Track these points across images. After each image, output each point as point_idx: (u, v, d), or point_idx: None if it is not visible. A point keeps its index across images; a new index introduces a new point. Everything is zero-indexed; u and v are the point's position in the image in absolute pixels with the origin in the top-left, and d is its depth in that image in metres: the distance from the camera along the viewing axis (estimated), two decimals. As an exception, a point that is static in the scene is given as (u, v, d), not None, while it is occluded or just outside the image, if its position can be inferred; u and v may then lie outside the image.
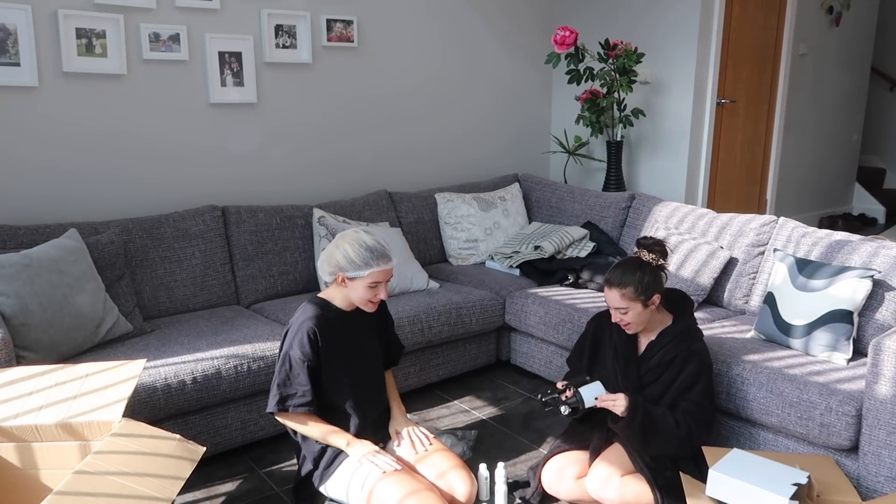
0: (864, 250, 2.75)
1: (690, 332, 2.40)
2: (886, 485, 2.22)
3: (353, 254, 2.14)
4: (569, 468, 2.38)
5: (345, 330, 2.25)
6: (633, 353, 2.43)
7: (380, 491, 2.07)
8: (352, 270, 2.15)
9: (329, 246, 2.21)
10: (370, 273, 2.15)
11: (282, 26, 3.59)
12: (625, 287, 2.29)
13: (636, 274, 2.30)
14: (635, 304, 2.30)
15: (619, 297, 2.30)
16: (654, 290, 2.32)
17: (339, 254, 2.16)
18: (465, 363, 3.41)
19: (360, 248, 2.15)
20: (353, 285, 2.18)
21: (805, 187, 5.91)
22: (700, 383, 2.31)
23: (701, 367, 2.33)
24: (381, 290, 2.20)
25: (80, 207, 3.15)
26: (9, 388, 1.99)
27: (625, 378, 2.39)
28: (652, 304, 2.33)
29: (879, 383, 2.21)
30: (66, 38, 2.99)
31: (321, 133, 3.85)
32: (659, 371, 2.35)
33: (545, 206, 4.12)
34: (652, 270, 2.32)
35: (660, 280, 2.35)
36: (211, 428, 2.65)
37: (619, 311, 2.33)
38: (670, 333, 2.38)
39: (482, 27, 4.43)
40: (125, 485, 1.57)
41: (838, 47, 5.85)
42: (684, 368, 2.32)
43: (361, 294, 2.19)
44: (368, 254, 2.15)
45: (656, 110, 4.51)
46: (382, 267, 2.17)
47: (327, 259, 2.19)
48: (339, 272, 2.17)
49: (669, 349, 2.35)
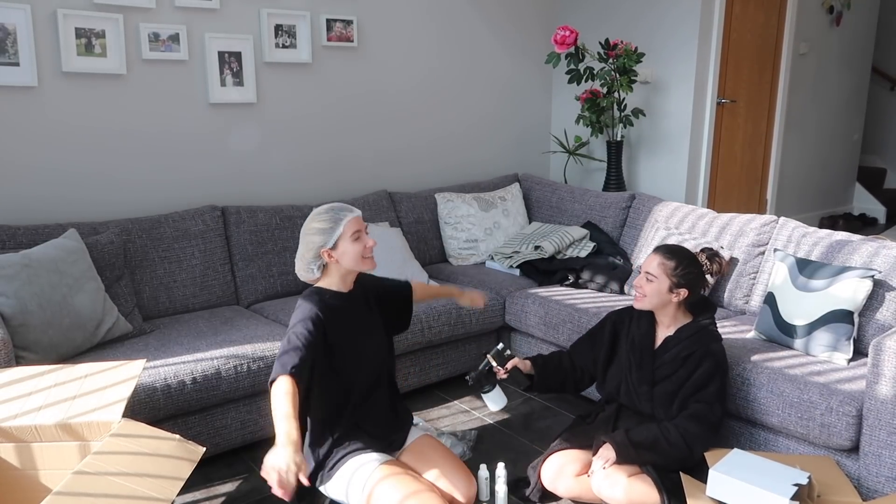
0: (864, 250, 2.75)
1: (709, 332, 2.41)
2: (887, 485, 2.21)
3: (320, 223, 2.14)
4: (568, 466, 2.38)
5: (345, 310, 2.23)
6: (649, 345, 2.44)
7: (380, 491, 2.06)
8: (329, 237, 2.14)
9: (300, 245, 2.20)
10: (345, 225, 2.14)
11: (281, 26, 3.59)
12: (670, 259, 2.36)
13: (686, 259, 2.37)
14: (665, 280, 2.35)
15: (657, 264, 2.36)
16: (688, 285, 2.36)
17: (309, 237, 2.15)
18: (465, 363, 3.41)
19: (321, 214, 2.16)
20: (341, 251, 2.16)
21: (805, 187, 5.90)
22: (713, 384, 2.31)
23: (716, 368, 2.33)
24: (366, 237, 2.20)
25: (79, 207, 3.15)
26: (8, 388, 1.99)
27: (639, 370, 2.41)
28: (677, 294, 2.36)
29: (880, 383, 2.20)
30: (66, 37, 2.99)
31: (321, 133, 3.84)
32: (674, 366, 2.36)
33: (545, 206, 4.12)
34: (699, 270, 2.41)
35: (699, 283, 2.41)
36: (211, 428, 2.65)
37: (647, 276, 2.37)
38: (688, 330, 2.39)
39: (482, 27, 4.42)
40: (125, 485, 1.57)
41: (839, 47, 5.84)
42: (699, 367, 2.32)
43: (353, 252, 2.16)
44: (332, 213, 2.16)
45: (656, 110, 4.51)
46: (350, 216, 2.17)
47: (304, 250, 2.17)
48: (321, 250, 2.15)
49: (686, 345, 2.36)
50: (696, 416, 2.27)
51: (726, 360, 2.41)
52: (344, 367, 2.19)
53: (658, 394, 2.37)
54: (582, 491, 2.35)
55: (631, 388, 2.44)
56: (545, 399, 3.25)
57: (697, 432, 2.25)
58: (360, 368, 2.23)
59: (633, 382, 2.43)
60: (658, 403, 2.37)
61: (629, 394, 2.45)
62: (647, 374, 2.40)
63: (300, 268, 2.22)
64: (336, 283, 2.23)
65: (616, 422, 2.46)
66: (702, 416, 2.26)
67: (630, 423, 2.41)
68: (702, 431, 2.26)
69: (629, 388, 2.45)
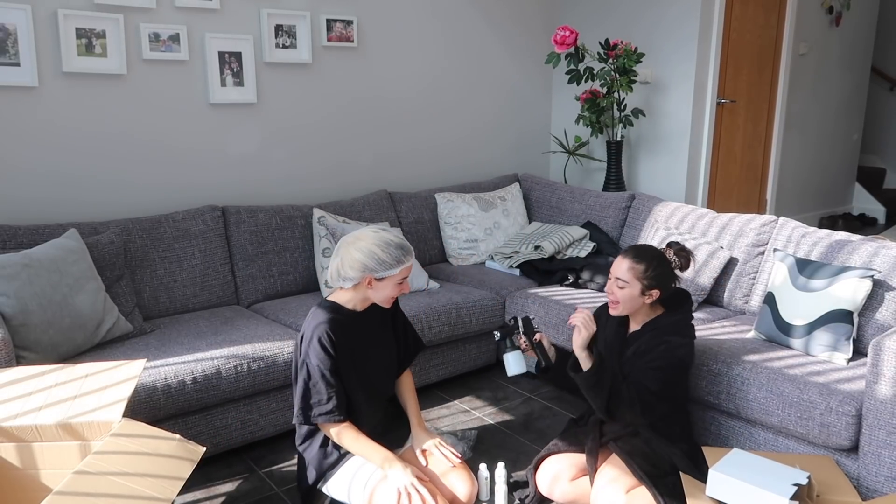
0: (864, 250, 2.75)
1: (675, 326, 2.33)
2: (886, 485, 2.22)
3: (383, 254, 2.12)
4: (564, 471, 2.36)
5: (359, 330, 2.22)
6: (619, 345, 2.40)
7: (381, 491, 2.07)
8: (382, 270, 2.12)
9: (347, 250, 2.14)
10: (401, 270, 2.15)
11: (282, 26, 3.59)
12: (639, 262, 2.30)
13: (654, 260, 2.31)
14: (636, 283, 2.29)
15: (626, 269, 2.30)
16: (659, 285, 2.31)
17: (363, 256, 2.11)
18: (465, 363, 3.41)
19: (388, 247, 2.13)
20: (382, 285, 2.16)
21: (805, 187, 5.91)
22: (656, 362, 2.23)
23: (666, 352, 2.25)
24: (406, 284, 2.22)
25: (79, 207, 3.15)
26: (9, 388, 1.99)
27: None
28: (649, 296, 2.31)
29: (879, 383, 2.21)
30: (66, 37, 2.99)
31: (321, 133, 3.85)
32: (634, 361, 2.31)
33: (545, 206, 4.12)
34: (668, 268, 2.35)
35: (669, 281, 2.35)
36: (211, 428, 2.65)
37: (618, 283, 2.31)
38: (651, 325, 2.35)
39: (482, 27, 4.43)
40: (125, 485, 1.57)
41: (838, 47, 5.85)
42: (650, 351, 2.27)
43: (389, 292, 2.18)
44: (399, 251, 2.15)
45: (656, 110, 4.51)
46: (411, 261, 2.18)
47: (350, 264, 2.13)
48: (368, 274, 2.13)
49: (646, 340, 2.31)
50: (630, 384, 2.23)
51: (688, 356, 2.32)
52: (347, 381, 2.19)
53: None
54: (578, 495, 2.34)
55: None
56: (545, 399, 3.25)
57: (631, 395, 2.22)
58: (362, 385, 2.23)
59: None
60: None
61: None
62: (617, 373, 2.35)
63: (333, 276, 2.19)
64: (354, 302, 2.23)
65: (603, 424, 2.43)
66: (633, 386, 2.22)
67: (610, 426, 2.37)
68: (630, 397, 2.21)
69: None
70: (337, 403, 2.11)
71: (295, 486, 2.48)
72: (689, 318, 2.40)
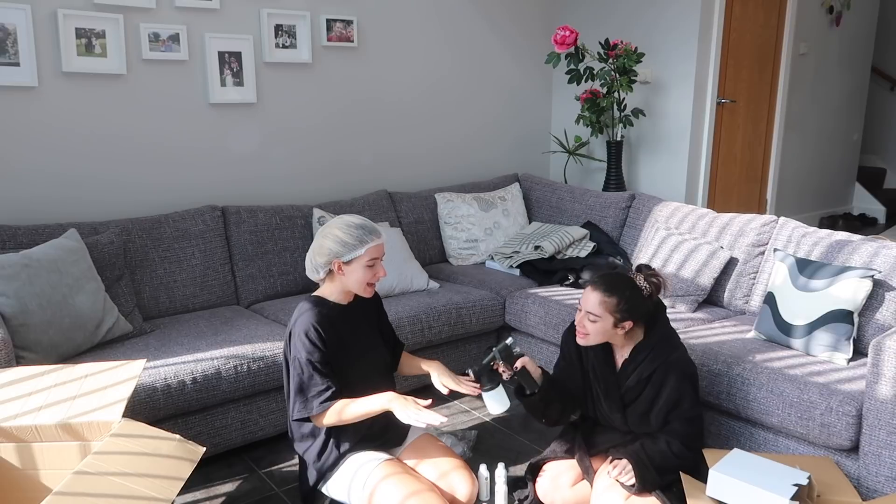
0: (864, 250, 2.75)
1: (666, 341, 2.27)
2: (887, 485, 2.22)
3: (345, 235, 2.13)
4: (564, 476, 2.35)
5: (344, 324, 2.23)
6: (610, 374, 2.32)
7: (381, 491, 2.06)
8: (347, 253, 2.13)
9: (316, 239, 2.18)
10: (367, 250, 2.14)
11: (281, 26, 3.59)
12: (610, 295, 2.17)
13: (627, 291, 2.19)
14: (609, 317, 2.18)
15: (598, 303, 2.18)
16: (632, 316, 2.21)
17: (329, 241, 2.14)
18: (465, 363, 3.41)
19: (350, 228, 2.14)
20: (351, 269, 2.16)
21: (805, 187, 5.90)
22: (687, 397, 2.22)
23: (683, 378, 2.22)
24: (380, 267, 2.20)
25: (79, 207, 3.15)
26: (8, 388, 1.99)
27: (607, 398, 2.32)
28: (623, 328, 2.22)
29: (880, 383, 2.20)
30: (66, 37, 2.99)
31: (321, 133, 3.85)
32: (639, 389, 2.26)
33: (545, 206, 4.12)
34: (640, 297, 2.23)
35: (642, 310, 2.24)
36: (211, 428, 2.65)
37: (588, 316, 2.20)
38: (644, 348, 2.26)
39: (482, 27, 4.43)
40: (125, 485, 1.57)
41: (839, 47, 5.85)
42: (665, 382, 2.21)
43: (360, 276, 2.16)
44: (360, 231, 2.14)
45: (656, 110, 4.51)
46: (376, 241, 2.16)
47: (317, 251, 2.16)
48: (334, 259, 2.14)
49: (646, 366, 2.24)
50: (678, 435, 2.20)
51: (692, 365, 2.28)
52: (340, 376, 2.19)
53: (631, 415, 2.29)
54: (579, 500, 2.33)
55: (603, 414, 2.37)
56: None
57: (693, 434, 2.22)
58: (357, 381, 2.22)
59: (605, 411, 2.34)
60: (633, 424, 2.31)
61: (605, 419, 2.38)
62: (616, 402, 2.30)
63: (308, 268, 2.22)
64: (336, 294, 2.24)
65: (594, 435, 2.40)
66: (684, 437, 2.20)
67: (606, 435, 2.37)
68: (691, 444, 2.21)
69: (603, 415, 2.37)
70: (335, 389, 2.11)
71: (295, 487, 2.48)
72: (670, 327, 2.34)
